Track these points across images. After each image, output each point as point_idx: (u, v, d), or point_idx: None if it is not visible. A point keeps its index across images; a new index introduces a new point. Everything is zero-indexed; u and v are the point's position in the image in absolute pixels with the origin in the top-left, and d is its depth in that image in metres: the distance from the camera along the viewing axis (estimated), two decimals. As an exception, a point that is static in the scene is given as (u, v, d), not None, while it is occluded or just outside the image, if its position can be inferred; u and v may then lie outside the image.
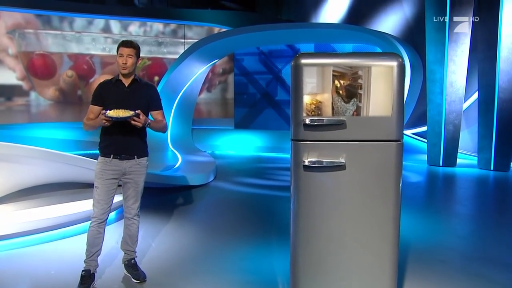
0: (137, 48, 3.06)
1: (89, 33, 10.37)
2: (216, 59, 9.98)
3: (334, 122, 2.29)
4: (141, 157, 3.14)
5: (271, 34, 9.01)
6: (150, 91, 3.16)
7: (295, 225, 2.39)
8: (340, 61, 2.27)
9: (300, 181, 2.35)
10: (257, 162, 8.53)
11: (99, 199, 3.07)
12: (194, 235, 4.16)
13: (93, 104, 3.10)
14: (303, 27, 8.84)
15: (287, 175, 7.08)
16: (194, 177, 6.06)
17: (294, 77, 2.33)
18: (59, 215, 4.16)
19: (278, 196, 5.75)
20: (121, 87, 3.06)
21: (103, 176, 3.05)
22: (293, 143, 2.38)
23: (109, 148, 3.05)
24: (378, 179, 2.30)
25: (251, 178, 6.89)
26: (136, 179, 3.14)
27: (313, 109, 2.31)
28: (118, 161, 3.05)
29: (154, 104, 3.16)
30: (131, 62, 3.01)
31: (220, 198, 5.66)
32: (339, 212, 2.34)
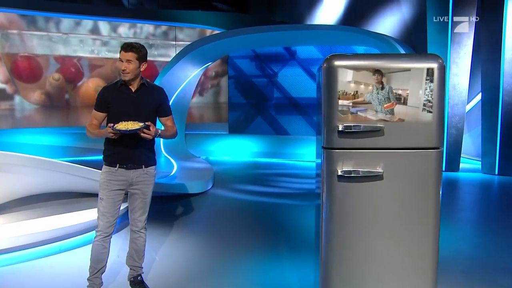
0: (138, 52, 2.84)
1: (77, 35, 10.11)
2: (210, 62, 9.81)
3: (371, 128, 2.15)
4: (149, 166, 2.98)
5: (266, 36, 8.87)
6: (159, 96, 2.99)
7: (326, 239, 2.24)
8: (376, 63, 2.14)
9: (333, 192, 2.20)
10: (254, 168, 8.41)
11: (104, 211, 2.90)
12: (200, 247, 4.01)
13: (96, 109, 2.94)
14: (300, 28, 8.74)
15: (288, 181, 7.14)
16: (192, 185, 5.89)
17: (326, 80, 2.19)
18: (53, 227, 3.95)
19: (281, 204, 5.63)
20: (126, 92, 2.89)
21: (108, 187, 2.88)
22: (325, 151, 2.23)
23: (114, 157, 2.89)
24: (417, 190, 2.17)
25: (250, 185, 6.77)
26: (144, 189, 2.98)
27: (347, 114, 2.17)
28: (125, 171, 2.89)
29: (163, 109, 3.00)
30: (131, 68, 2.81)
31: (221, 207, 5.51)
32: (375, 225, 2.20)
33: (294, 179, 7.31)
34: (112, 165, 2.88)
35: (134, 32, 10.57)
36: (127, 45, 2.84)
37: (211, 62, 10.00)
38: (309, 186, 6.75)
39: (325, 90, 2.20)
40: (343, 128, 2.16)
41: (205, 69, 9.69)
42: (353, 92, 2.17)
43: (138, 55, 2.85)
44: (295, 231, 4.49)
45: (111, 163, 2.89)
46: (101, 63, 10.28)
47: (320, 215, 2.28)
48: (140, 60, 2.86)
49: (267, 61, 10.12)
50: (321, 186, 2.27)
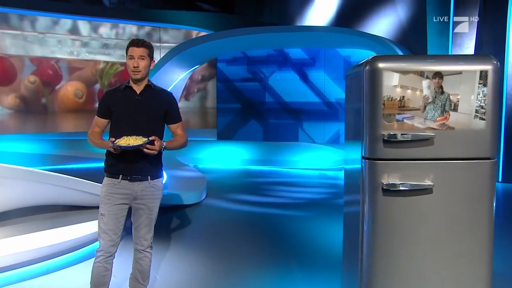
0: (150, 48, 2.70)
1: (54, 34, 9.76)
2: (197, 65, 9.65)
3: (421, 137, 2.00)
4: (155, 178, 2.77)
5: (257, 38, 8.78)
6: (167, 100, 2.79)
7: (369, 257, 2.09)
8: (425, 66, 2.00)
9: (377, 207, 2.05)
10: (246, 177, 8.25)
11: (106, 228, 2.67)
12: (202, 263, 3.82)
13: (98, 115, 2.76)
14: (293, 30, 8.66)
15: (284, 190, 7.00)
16: (186, 196, 5.66)
17: (369, 84, 2.04)
18: (38, 245, 3.68)
19: (282, 215, 5.48)
20: (131, 95, 2.70)
21: (110, 201, 2.67)
22: (367, 162, 2.08)
23: (117, 167, 2.67)
24: (469, 204, 2.04)
25: (245, 195, 6.62)
26: (150, 204, 2.76)
27: (393, 122, 2.02)
28: (128, 183, 2.68)
29: (172, 115, 2.79)
30: (143, 65, 2.65)
31: (219, 219, 5.32)
32: (424, 242, 2.06)
33: (290, 188, 7.19)
34: (114, 177, 2.68)
35: (116, 32, 10.31)
36: (138, 40, 2.68)
37: (198, 65, 9.84)
38: (308, 196, 6.68)
39: (367, 95, 2.05)
40: (389, 137, 2.01)
41: (191, 73, 9.52)
42: (399, 98, 2.02)
43: (150, 51, 2.70)
44: (302, 244, 4.34)
45: (113, 174, 2.68)
46: (81, 65, 9.97)
47: (360, 231, 2.12)
48: (151, 57, 2.71)
49: (258, 64, 10.00)
50: (360, 199, 2.12)
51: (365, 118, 2.07)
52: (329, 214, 5.52)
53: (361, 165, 2.11)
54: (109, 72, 10.23)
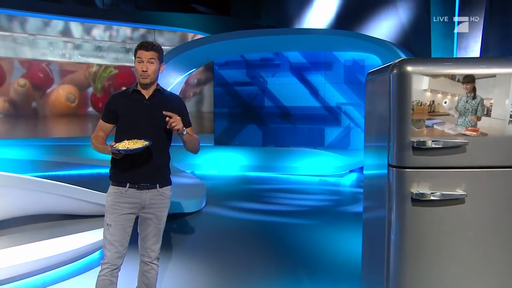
0: (159, 51, 2.64)
1: (45, 36, 9.62)
2: (194, 68, 9.59)
3: (453, 144, 1.94)
4: (164, 185, 2.70)
5: (255, 41, 8.75)
6: (176, 105, 2.72)
7: (397, 269, 2.01)
8: (457, 69, 1.94)
9: (406, 217, 1.98)
10: (245, 183, 8.17)
11: (113, 240, 2.59)
12: (206, 275, 3.73)
13: (103, 120, 2.70)
14: (293, 33, 8.65)
15: (286, 198, 6.93)
16: (186, 203, 5.55)
17: (397, 88, 1.98)
18: (34, 257, 3.56)
19: (286, 224, 5.40)
20: (139, 100, 2.63)
21: (117, 211, 2.59)
22: (395, 171, 2.01)
23: (124, 174, 2.60)
24: (504, 215, 1.97)
25: (246, 202, 6.53)
26: (159, 213, 2.69)
27: (422, 128, 1.95)
28: (136, 191, 2.60)
29: (182, 119, 2.68)
30: (153, 69, 2.59)
31: (220, 228, 5.23)
32: (456, 255, 1.99)
33: (291, 195, 7.11)
34: (121, 185, 2.60)
35: (109, 34, 10.20)
36: (147, 43, 2.62)
37: (195, 69, 9.78)
38: (310, 203, 6.61)
39: (395, 100, 1.98)
40: (418, 144, 1.94)
41: (187, 76, 9.45)
42: (429, 102, 1.96)
43: (159, 54, 2.64)
44: (310, 254, 4.25)
45: (120, 182, 2.60)
46: (73, 68, 9.83)
47: (386, 241, 2.04)
48: (161, 61, 2.65)
49: (256, 67, 9.92)
50: (386, 208, 2.04)
51: (393, 124, 2.00)
52: (335, 222, 5.45)
53: (388, 173, 2.04)
54: (103, 75, 10.11)
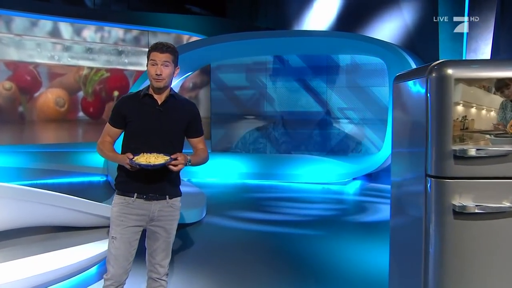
0: (175, 53, 2.56)
1: (33, 37, 9.46)
2: (190, 72, 9.53)
3: (498, 153, 1.87)
4: (174, 196, 2.63)
5: (255, 44, 8.73)
6: (190, 111, 2.65)
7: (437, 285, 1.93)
8: (503, 71, 1.87)
9: (447, 230, 1.91)
10: (246, 192, 8.11)
11: (118, 254, 2.52)
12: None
13: (111, 124, 2.61)
14: (293, 35, 8.62)
15: (289, 207, 6.87)
16: (187, 214, 5.45)
17: (437, 93, 1.91)
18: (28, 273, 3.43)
19: (292, 234, 5.32)
20: (151, 105, 2.55)
21: (123, 223, 2.51)
22: (434, 181, 1.94)
23: (131, 184, 2.53)
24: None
25: (248, 212, 6.45)
26: (168, 226, 2.61)
27: (464, 136, 1.88)
28: (144, 202, 2.53)
29: (195, 128, 2.67)
30: (167, 73, 2.51)
31: (223, 239, 5.14)
32: (504, 274, 1.91)
33: (294, 204, 7.06)
34: (127, 195, 2.53)
35: (101, 36, 10.08)
36: (162, 44, 2.53)
37: (191, 72, 9.71)
38: (315, 212, 6.56)
39: (434, 106, 1.92)
40: (460, 152, 1.87)
41: (183, 80, 9.38)
42: (471, 108, 1.88)
43: (174, 57, 2.56)
44: (322, 267, 4.18)
45: (127, 192, 2.53)
46: (62, 71, 9.68)
47: (424, 256, 1.97)
48: (176, 64, 2.58)
49: (255, 70, 9.85)
50: (423, 221, 1.98)
51: (431, 131, 1.93)
52: (343, 232, 5.40)
53: (425, 183, 1.97)
54: (94, 78, 9.98)
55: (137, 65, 10.32)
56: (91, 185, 8.32)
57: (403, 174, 2.25)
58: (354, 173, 8.47)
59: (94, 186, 8.32)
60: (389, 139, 8.01)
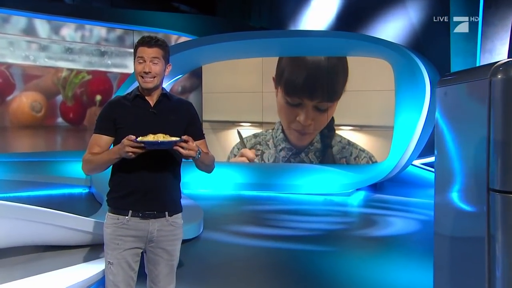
0: (165, 48, 2.40)
1: (5, 35, 9.25)
2: (180, 75, 9.43)
3: None
4: (174, 213, 2.48)
5: (249, 45, 8.65)
6: (188, 112, 2.53)
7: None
8: None
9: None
10: (243, 204, 8.00)
11: (117, 281, 2.38)
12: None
13: (98, 132, 2.42)
14: (293, 35, 8.57)
15: (290, 220, 6.81)
16: (184, 229, 5.23)
17: (503, 98, 1.80)
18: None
19: (299, 251, 5.21)
20: (143, 107, 2.41)
21: (119, 246, 2.38)
22: (499, 196, 1.83)
23: (125, 200, 2.38)
24: None
25: (247, 226, 6.35)
26: (170, 247, 2.47)
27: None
28: (140, 221, 2.38)
29: (194, 130, 2.50)
30: (157, 70, 2.36)
31: (223, 256, 5.00)
32: None
33: (296, 217, 6.97)
34: (121, 213, 2.38)
35: (81, 35, 9.92)
36: (150, 38, 2.36)
37: (181, 75, 9.60)
38: (320, 226, 6.47)
39: (500, 113, 1.81)
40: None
41: (172, 84, 9.27)
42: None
43: (165, 52, 2.39)
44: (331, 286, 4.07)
45: (120, 210, 2.39)
46: (39, 73, 9.47)
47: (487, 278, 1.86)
48: (167, 60, 2.42)
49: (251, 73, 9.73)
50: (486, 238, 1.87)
51: (495, 140, 1.81)
52: (354, 248, 5.34)
53: (487, 197, 1.86)
54: (74, 81, 9.77)
55: (122, 67, 10.17)
56: (72, 198, 8.12)
57: (454, 189, 2.13)
58: (358, 183, 8.39)
59: (76, 199, 8.13)
60: (397, 147, 8.06)
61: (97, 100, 9.97)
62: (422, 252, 5.00)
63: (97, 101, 9.92)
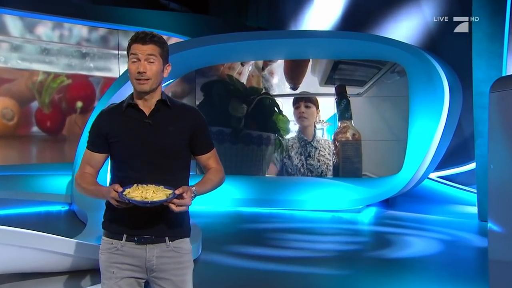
0: (162, 46, 2.30)
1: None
2: (172, 79, 9.35)
3: None
4: (178, 237, 2.34)
5: (248, 47, 8.64)
6: (192, 120, 2.38)
7: None
8: None
9: None
10: (242, 222, 7.96)
11: None
12: None
13: (90, 149, 2.37)
14: (296, 36, 8.59)
15: (297, 240, 6.79)
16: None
17: None
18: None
19: (306, 274, 5.12)
20: (136, 118, 2.30)
21: (114, 275, 2.29)
22: None
23: (119, 222, 2.29)
24: None
25: (249, 247, 6.25)
26: (176, 278, 2.33)
27: None
28: (136, 247, 2.28)
29: (202, 141, 2.40)
30: (154, 71, 2.25)
31: (225, 281, 4.90)
32: None
33: (302, 236, 6.92)
34: (115, 236, 2.30)
35: (60, 34, 9.75)
36: (145, 33, 2.27)
37: (172, 80, 9.54)
38: (331, 247, 6.38)
39: None
40: None
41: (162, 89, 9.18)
42: None
43: (162, 50, 2.29)
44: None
45: (114, 234, 2.31)
46: (10, 76, 9.25)
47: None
48: (165, 59, 2.32)
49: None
50: None
51: None
52: (373, 272, 5.24)
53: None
54: (52, 86, 9.57)
55: (105, 71, 10.04)
56: (50, 217, 7.99)
57: None
58: (369, 199, 8.33)
59: (54, 217, 8.00)
60: (411, 158, 7.98)
61: (78, 107, 9.82)
62: (448, 277, 4.92)
63: (78, 108, 9.77)
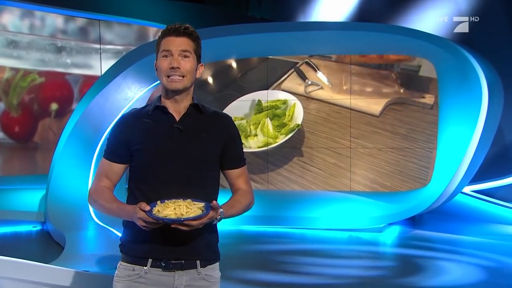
0: (197, 40, 2.37)
1: None
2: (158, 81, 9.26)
3: None
4: (209, 262, 2.42)
5: (252, 40, 8.62)
6: (226, 131, 2.45)
7: None
8: None
9: None
10: (246, 243, 7.94)
11: None
12: None
13: (108, 158, 2.42)
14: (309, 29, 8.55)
15: (311, 264, 6.77)
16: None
17: None
18: None
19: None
20: (165, 122, 2.36)
21: None
22: None
23: (143, 246, 2.33)
24: None
25: (257, 272, 6.30)
26: None
27: None
28: (163, 274, 2.32)
29: (234, 154, 2.48)
30: (187, 67, 2.32)
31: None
32: None
33: (318, 260, 6.91)
34: (138, 262, 2.33)
35: (30, 24, 9.72)
36: (178, 26, 2.34)
37: (159, 81, 9.48)
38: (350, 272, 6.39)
39: None
40: None
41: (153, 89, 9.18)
42: None
43: (197, 46, 2.37)
44: None
45: (137, 258, 2.34)
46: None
47: None
48: (198, 58, 2.38)
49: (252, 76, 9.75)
50: None
51: None
52: None
53: None
54: (21, 85, 9.55)
55: (85, 68, 10.12)
56: (19, 239, 7.98)
57: None
58: (392, 216, 8.28)
59: (24, 239, 8.00)
60: (442, 170, 7.95)
61: (53, 109, 9.84)
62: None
63: (52, 111, 9.79)
